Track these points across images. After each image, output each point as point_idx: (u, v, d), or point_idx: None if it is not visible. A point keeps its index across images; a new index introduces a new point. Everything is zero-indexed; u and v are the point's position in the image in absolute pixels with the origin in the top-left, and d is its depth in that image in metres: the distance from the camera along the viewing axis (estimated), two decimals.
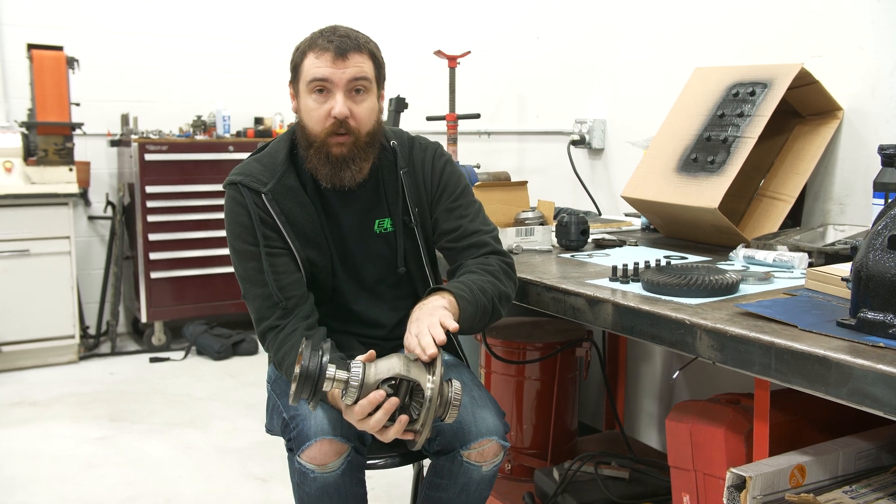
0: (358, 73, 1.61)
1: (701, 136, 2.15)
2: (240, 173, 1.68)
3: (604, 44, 3.02)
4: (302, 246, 1.67)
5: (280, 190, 1.66)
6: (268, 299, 1.63)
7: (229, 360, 4.35)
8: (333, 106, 1.60)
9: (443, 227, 1.75)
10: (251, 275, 1.65)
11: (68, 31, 4.52)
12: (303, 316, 1.64)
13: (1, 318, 3.99)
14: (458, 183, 1.78)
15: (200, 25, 4.96)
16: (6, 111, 4.43)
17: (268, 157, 1.70)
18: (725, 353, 1.30)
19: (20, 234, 4.01)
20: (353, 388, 1.36)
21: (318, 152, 1.63)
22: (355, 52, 1.61)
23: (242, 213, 1.65)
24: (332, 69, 1.59)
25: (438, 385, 1.37)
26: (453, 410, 1.39)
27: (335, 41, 1.60)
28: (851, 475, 1.42)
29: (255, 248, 1.64)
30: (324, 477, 1.53)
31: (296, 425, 1.56)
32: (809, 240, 1.90)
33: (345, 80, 1.60)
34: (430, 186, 1.77)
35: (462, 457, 1.58)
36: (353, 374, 1.36)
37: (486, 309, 1.58)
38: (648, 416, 2.80)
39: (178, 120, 4.79)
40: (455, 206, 1.76)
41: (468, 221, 1.74)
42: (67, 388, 3.84)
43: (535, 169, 3.46)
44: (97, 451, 3.08)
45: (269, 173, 1.67)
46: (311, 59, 1.61)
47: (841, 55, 2.15)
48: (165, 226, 4.42)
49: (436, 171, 1.77)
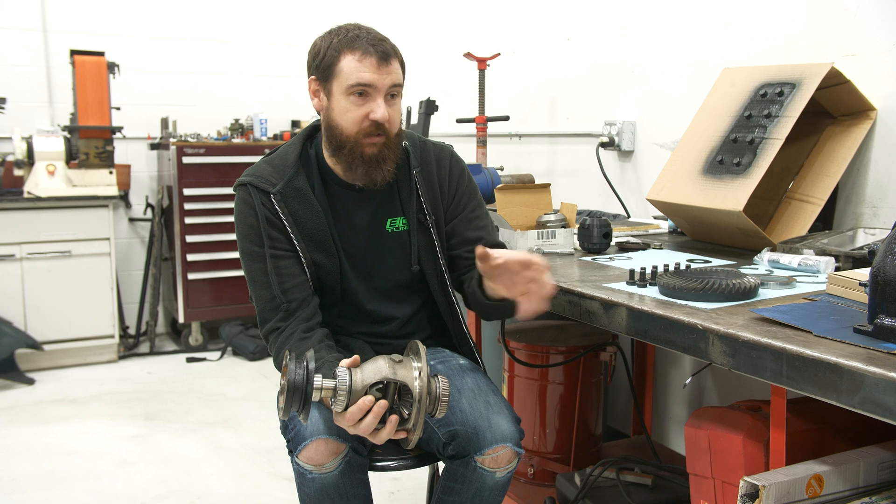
0: (397, 80, 1.64)
1: (727, 138, 2.11)
2: (250, 174, 1.70)
3: (634, 44, 2.98)
4: (308, 248, 1.68)
5: (289, 191, 1.68)
6: (271, 301, 1.65)
7: (264, 360, 4.40)
8: (373, 110, 1.61)
9: (465, 235, 1.77)
10: (257, 276, 1.67)
11: (110, 36, 4.63)
12: (303, 318, 1.65)
13: (43, 317, 4.10)
14: (475, 192, 1.83)
15: (238, 30, 5.04)
16: (51, 115, 4.56)
17: (278, 159, 1.72)
18: (738, 359, 1.27)
19: (62, 235, 4.11)
20: (342, 395, 1.37)
21: (353, 152, 1.65)
22: (394, 56, 1.63)
23: (250, 214, 1.67)
24: (378, 75, 1.60)
25: (426, 383, 1.38)
26: (443, 406, 1.40)
27: (375, 45, 1.61)
28: (873, 486, 1.38)
29: (260, 249, 1.66)
30: (322, 478, 1.53)
31: (293, 426, 1.57)
32: (838, 243, 1.85)
33: (386, 86, 1.62)
34: (448, 189, 1.78)
35: (476, 462, 1.58)
36: (339, 380, 1.37)
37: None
38: (676, 422, 2.76)
39: (217, 123, 4.87)
40: (474, 216, 1.79)
41: (487, 234, 1.79)
42: (106, 387, 3.93)
43: (565, 171, 3.44)
44: (132, 449, 3.15)
45: (278, 174, 1.69)
46: (352, 61, 1.60)
47: (874, 54, 2.09)
48: (203, 228, 4.49)
49: (454, 175, 1.80)
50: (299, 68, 5.19)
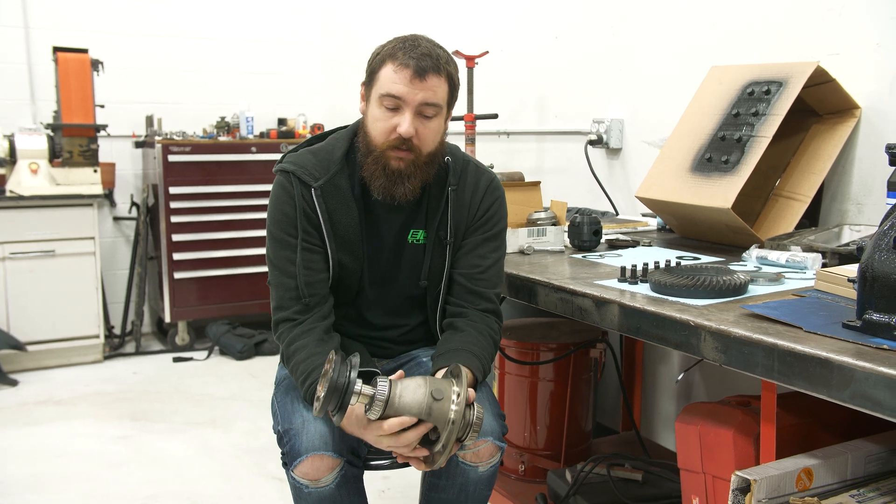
0: (430, 99, 1.59)
1: (715, 136, 2.13)
2: (294, 163, 1.67)
3: (622, 43, 3.00)
4: (338, 248, 1.67)
5: (330, 188, 1.66)
6: (292, 290, 1.63)
7: (251, 360, 4.39)
8: (400, 123, 1.58)
9: (464, 258, 1.73)
10: (282, 263, 1.65)
11: (93, 33, 4.59)
12: (321, 316, 1.65)
13: (27, 317, 4.06)
14: (498, 223, 1.76)
15: (224, 27, 5.01)
16: (33, 113, 4.52)
17: (324, 153, 1.69)
18: (729, 355, 1.29)
19: (46, 234, 4.07)
20: (379, 404, 1.38)
21: (377, 162, 1.63)
22: (434, 73, 1.58)
23: (288, 203, 1.65)
24: (408, 88, 1.57)
25: (462, 411, 1.39)
26: (473, 434, 1.41)
27: (416, 58, 1.56)
28: (860, 479, 1.40)
29: (292, 238, 1.64)
30: (318, 492, 1.54)
31: (289, 440, 1.56)
32: (824, 240, 1.87)
33: (417, 101, 1.58)
34: (475, 212, 1.74)
35: (458, 457, 1.59)
36: (379, 390, 1.38)
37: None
38: (665, 418, 2.78)
39: (202, 121, 4.84)
40: (484, 243, 1.74)
41: (488, 265, 1.73)
42: (92, 388, 3.90)
43: (554, 169, 3.45)
44: (120, 450, 3.13)
45: (322, 169, 1.66)
46: (389, 71, 1.58)
47: (859, 53, 2.12)
48: (189, 226, 4.47)
49: (486, 201, 1.75)
50: (286, 66, 5.21)
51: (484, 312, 1.70)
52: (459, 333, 1.65)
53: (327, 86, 5.24)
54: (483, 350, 1.63)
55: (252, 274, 4.61)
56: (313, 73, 5.29)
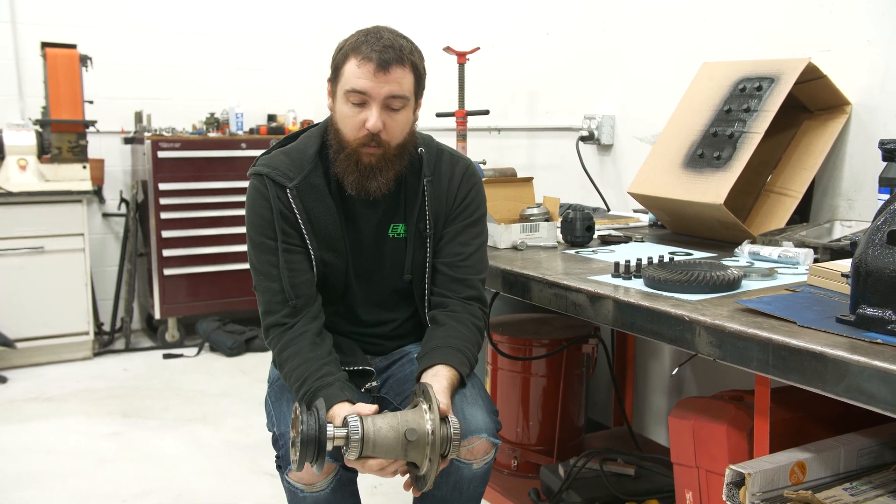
0: (396, 91, 1.58)
1: (707, 132, 2.14)
2: (267, 165, 1.66)
3: (613, 39, 3.00)
4: (319, 246, 1.66)
5: (305, 187, 1.65)
6: (278, 294, 1.63)
7: (242, 356, 4.38)
8: (368, 118, 1.58)
9: (448, 247, 1.73)
10: (265, 267, 1.64)
11: (82, 29, 4.56)
12: (311, 317, 1.64)
13: (16, 314, 4.03)
14: (477, 209, 1.76)
15: (214, 23, 4.99)
16: (21, 109, 4.48)
17: (296, 152, 1.69)
18: (724, 350, 1.30)
19: (35, 231, 4.04)
20: (355, 444, 1.38)
21: (349, 158, 1.62)
22: (397, 65, 1.57)
23: (264, 206, 1.64)
24: (372, 83, 1.56)
25: (438, 432, 1.40)
26: (454, 447, 1.42)
27: (378, 51, 1.55)
28: (853, 472, 1.42)
29: (272, 241, 1.64)
30: (313, 496, 1.55)
31: (283, 444, 1.56)
32: (815, 235, 1.88)
33: (383, 95, 1.57)
34: (453, 201, 1.74)
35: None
36: (352, 429, 1.38)
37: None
38: (657, 413, 2.79)
39: (192, 117, 4.82)
40: (465, 230, 1.74)
41: (470, 252, 1.73)
42: (82, 384, 3.88)
43: (545, 165, 3.46)
44: (111, 447, 3.11)
45: (296, 168, 1.66)
46: (353, 66, 1.57)
47: (850, 49, 2.13)
48: (179, 223, 4.45)
49: (463, 188, 1.74)
50: (276, 62, 5.19)
51: (467, 301, 1.70)
52: (441, 328, 1.65)
53: (317, 82, 5.23)
54: (466, 342, 1.63)
55: (242, 270, 4.59)
56: (303, 69, 5.27)
